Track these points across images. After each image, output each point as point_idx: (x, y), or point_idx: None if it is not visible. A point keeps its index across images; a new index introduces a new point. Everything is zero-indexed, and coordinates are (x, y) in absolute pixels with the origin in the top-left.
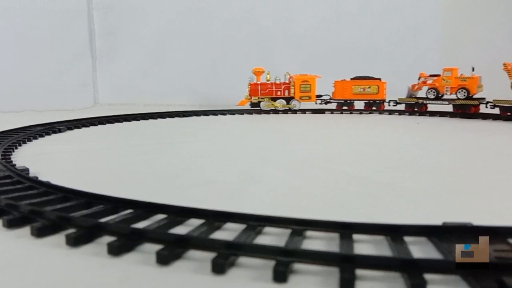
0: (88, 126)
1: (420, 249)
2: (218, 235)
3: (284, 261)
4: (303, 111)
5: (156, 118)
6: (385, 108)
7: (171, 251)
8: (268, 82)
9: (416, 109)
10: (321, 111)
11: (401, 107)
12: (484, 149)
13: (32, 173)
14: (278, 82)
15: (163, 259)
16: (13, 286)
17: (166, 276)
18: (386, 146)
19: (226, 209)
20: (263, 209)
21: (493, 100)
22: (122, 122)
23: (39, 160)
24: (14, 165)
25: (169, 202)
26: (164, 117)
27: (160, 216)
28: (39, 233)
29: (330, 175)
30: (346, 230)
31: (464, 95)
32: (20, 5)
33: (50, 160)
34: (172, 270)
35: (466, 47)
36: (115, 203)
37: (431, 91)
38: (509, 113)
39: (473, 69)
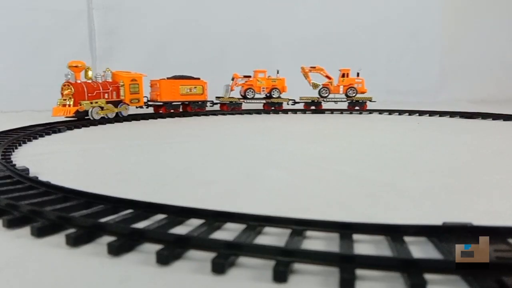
0: (88, 126)
1: (420, 249)
2: (218, 235)
3: (284, 261)
4: (303, 111)
5: (156, 118)
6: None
7: (171, 251)
8: (93, 82)
9: (232, 108)
10: (321, 111)
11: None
12: (484, 149)
13: (32, 173)
14: (101, 80)
15: (163, 259)
16: (13, 286)
17: (166, 276)
18: (386, 146)
19: (226, 209)
20: (263, 209)
21: (300, 97)
22: (122, 122)
23: (39, 160)
24: (14, 165)
25: (169, 202)
26: (164, 117)
27: (160, 216)
28: (39, 233)
29: (330, 175)
30: (346, 230)
31: (279, 94)
32: (20, 5)
33: (50, 160)
34: (172, 270)
35: (466, 47)
36: (115, 203)
37: (250, 90)
38: (312, 107)
39: (277, 72)
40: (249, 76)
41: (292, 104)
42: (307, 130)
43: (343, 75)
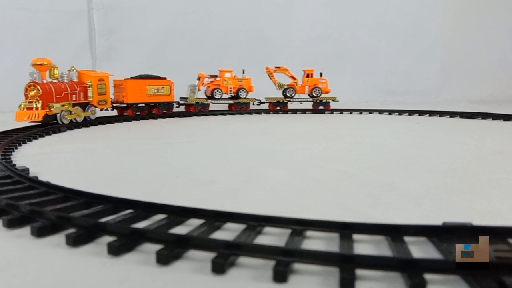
0: (88, 126)
1: (420, 249)
2: (218, 235)
3: (284, 261)
4: (303, 111)
5: (156, 118)
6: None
7: (171, 251)
8: (60, 82)
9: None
10: (321, 111)
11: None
12: (484, 149)
13: (32, 173)
14: (67, 80)
15: (163, 259)
16: (13, 286)
17: (166, 276)
18: (386, 146)
19: (226, 209)
20: (263, 209)
21: (265, 97)
22: (122, 122)
23: (39, 160)
24: (14, 165)
25: (169, 202)
26: (164, 117)
27: (160, 216)
28: (39, 233)
29: (330, 175)
30: (346, 230)
31: (246, 94)
32: (20, 5)
33: (50, 160)
34: (172, 270)
35: (466, 47)
36: (115, 203)
37: (217, 91)
38: (278, 108)
39: (243, 71)
40: (216, 76)
41: (257, 104)
42: (307, 130)
43: (307, 75)
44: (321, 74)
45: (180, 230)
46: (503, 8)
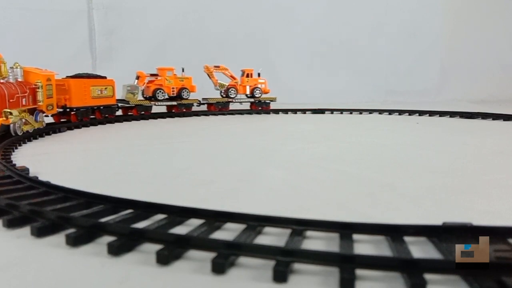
0: (88, 126)
1: (420, 249)
2: (218, 235)
3: (284, 261)
4: (303, 111)
5: (156, 118)
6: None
7: (171, 251)
8: (9, 82)
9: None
10: (321, 111)
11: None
12: (484, 149)
13: (32, 173)
14: (12, 80)
15: (163, 259)
16: (13, 286)
17: (166, 276)
18: (386, 146)
19: (226, 209)
20: (263, 209)
21: (202, 98)
22: (122, 122)
23: (39, 160)
24: (14, 165)
25: (169, 202)
26: (164, 117)
27: (160, 216)
28: (39, 233)
29: (330, 175)
30: (346, 230)
31: (188, 95)
32: (20, 5)
33: (50, 160)
34: (172, 270)
35: (466, 47)
36: (115, 203)
37: (160, 91)
38: (216, 109)
39: (183, 70)
40: (156, 75)
41: (197, 105)
42: (307, 130)
43: (247, 75)
44: (259, 74)
45: (180, 230)
46: (503, 8)
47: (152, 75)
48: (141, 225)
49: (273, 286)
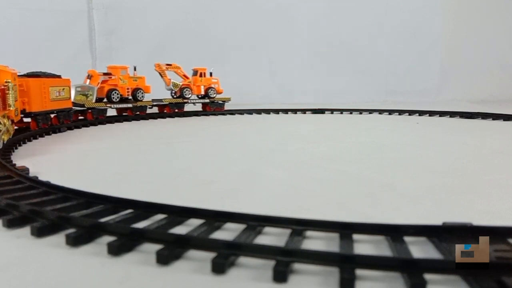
0: (88, 126)
1: (420, 249)
2: (218, 235)
3: (284, 261)
4: (303, 111)
5: (156, 118)
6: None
7: (171, 251)
8: None
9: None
10: (321, 111)
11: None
12: (484, 149)
13: (32, 173)
14: None
15: (163, 259)
16: (13, 286)
17: (166, 276)
18: (386, 146)
19: (226, 209)
20: (263, 209)
21: (152, 99)
22: (122, 122)
23: (39, 160)
24: (14, 165)
25: (169, 202)
26: (164, 117)
27: (160, 216)
28: (39, 233)
29: (330, 175)
30: (346, 230)
31: (142, 96)
32: (20, 5)
33: (50, 160)
34: (172, 270)
35: (466, 47)
36: (115, 203)
37: (115, 92)
38: (165, 110)
39: (135, 69)
40: (109, 74)
41: (150, 107)
42: (307, 130)
43: (200, 75)
44: (211, 74)
45: (180, 230)
46: (503, 8)
47: (105, 74)
48: (141, 225)
49: (273, 286)
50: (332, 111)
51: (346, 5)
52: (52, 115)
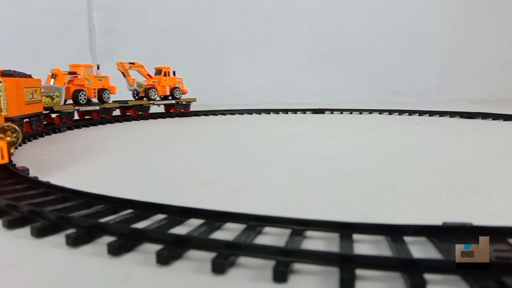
0: (88, 126)
1: (420, 249)
2: (218, 235)
3: (284, 261)
4: (303, 111)
5: (156, 118)
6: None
7: (171, 251)
8: None
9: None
10: (321, 111)
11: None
12: (484, 149)
13: (32, 174)
14: None
15: (163, 259)
16: (13, 286)
17: (166, 276)
18: (386, 146)
19: (226, 209)
20: (263, 209)
21: (113, 101)
22: (122, 122)
23: (39, 160)
24: (14, 165)
25: (169, 202)
26: (164, 117)
27: (160, 216)
28: (39, 233)
29: (330, 175)
30: (346, 230)
31: (108, 98)
32: (20, 5)
33: (50, 160)
34: (172, 270)
35: (466, 47)
36: (115, 203)
37: (82, 93)
38: (128, 113)
39: (98, 67)
40: (75, 73)
41: (113, 110)
42: (307, 130)
43: (165, 74)
44: (174, 73)
45: (180, 230)
46: (503, 8)
47: (70, 73)
48: (141, 225)
49: (273, 286)
50: (332, 111)
51: (346, 5)
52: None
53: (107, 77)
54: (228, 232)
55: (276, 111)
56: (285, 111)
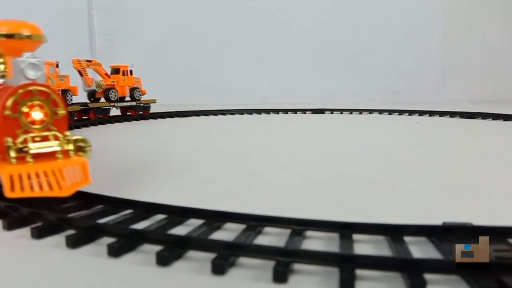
0: (88, 126)
1: (420, 249)
2: (218, 235)
3: (284, 261)
4: (303, 111)
5: (156, 118)
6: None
7: (171, 251)
8: None
9: None
10: (321, 111)
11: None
12: (484, 149)
13: None
14: None
15: (163, 259)
16: (13, 286)
17: (166, 276)
18: (386, 146)
19: (226, 209)
20: (263, 209)
21: (71, 102)
22: (122, 122)
23: None
24: None
25: (169, 202)
26: (164, 117)
27: (160, 216)
28: (39, 234)
29: (330, 175)
30: (346, 230)
31: (71, 100)
32: (20, 5)
33: None
34: (172, 270)
35: (466, 47)
36: (115, 203)
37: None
38: (96, 116)
39: (57, 65)
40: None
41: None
42: (307, 130)
43: (123, 73)
44: (131, 72)
45: (180, 230)
46: (503, 8)
47: None
48: (141, 225)
49: (273, 287)
50: (332, 111)
51: (346, 5)
52: None
53: (67, 77)
54: (228, 232)
55: (276, 111)
56: (285, 111)
